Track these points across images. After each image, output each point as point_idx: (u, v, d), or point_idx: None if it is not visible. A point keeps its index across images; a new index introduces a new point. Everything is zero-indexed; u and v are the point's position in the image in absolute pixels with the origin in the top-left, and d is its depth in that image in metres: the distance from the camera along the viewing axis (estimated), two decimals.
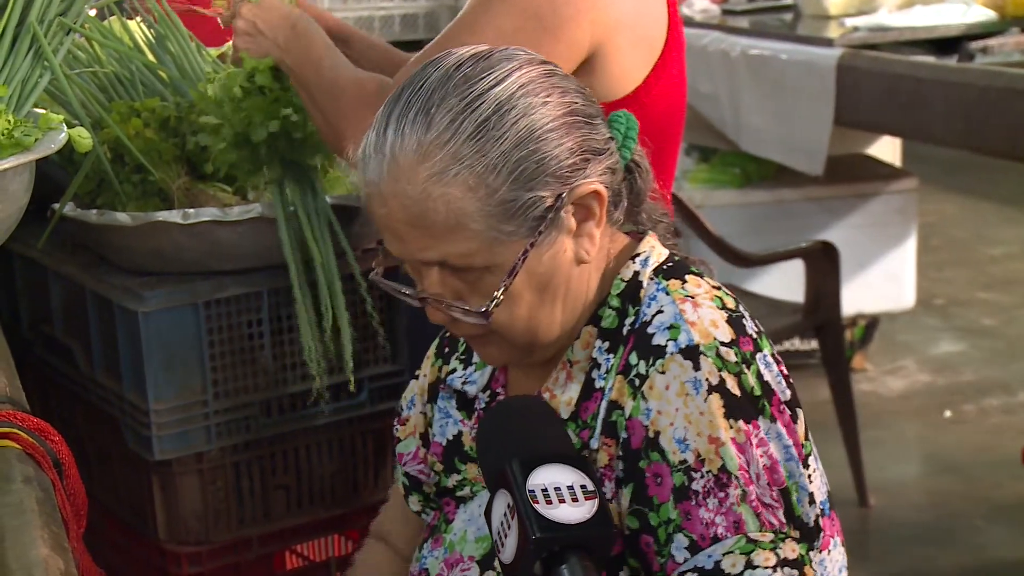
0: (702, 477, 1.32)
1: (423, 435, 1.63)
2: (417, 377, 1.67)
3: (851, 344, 4.57)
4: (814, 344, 3.92)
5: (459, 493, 1.56)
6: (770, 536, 1.32)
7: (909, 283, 4.54)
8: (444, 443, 1.59)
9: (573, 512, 1.23)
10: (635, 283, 1.44)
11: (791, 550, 1.32)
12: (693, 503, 1.32)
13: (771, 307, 3.67)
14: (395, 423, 1.70)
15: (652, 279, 1.43)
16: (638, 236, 1.50)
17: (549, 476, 1.25)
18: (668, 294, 1.41)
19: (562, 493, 1.24)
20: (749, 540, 1.31)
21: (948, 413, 4.38)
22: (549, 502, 1.23)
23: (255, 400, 2.12)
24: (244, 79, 1.99)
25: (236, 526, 2.15)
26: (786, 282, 3.90)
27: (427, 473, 1.63)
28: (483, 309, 1.36)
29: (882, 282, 4.47)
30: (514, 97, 1.33)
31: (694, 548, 1.32)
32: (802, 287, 3.71)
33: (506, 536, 1.24)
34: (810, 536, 1.36)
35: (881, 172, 4.58)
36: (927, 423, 4.33)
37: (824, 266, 3.67)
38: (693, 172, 4.50)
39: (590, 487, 1.25)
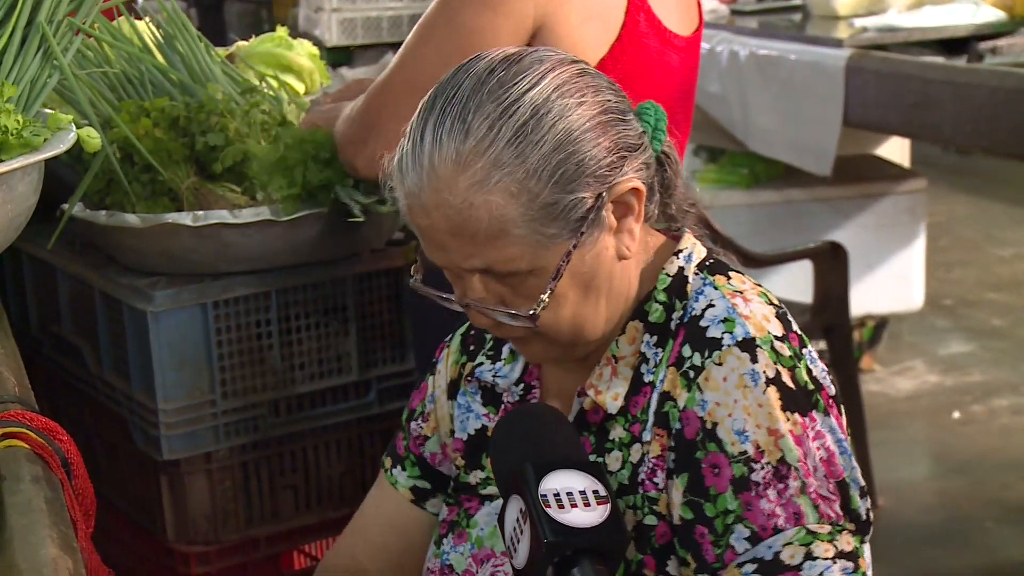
0: (762, 468, 1.32)
1: (450, 431, 1.62)
2: (433, 375, 1.66)
3: (859, 345, 4.56)
4: (822, 345, 3.91)
5: (483, 491, 1.56)
6: (828, 528, 1.33)
7: (918, 284, 4.53)
8: (466, 438, 1.58)
9: (585, 516, 1.23)
10: (680, 278, 1.45)
11: (847, 542, 1.34)
12: (754, 494, 1.32)
13: None
14: (415, 421, 1.67)
15: (697, 274, 1.45)
16: (671, 233, 1.51)
17: (561, 481, 1.25)
18: (716, 288, 1.42)
19: (574, 498, 1.24)
20: (808, 532, 1.32)
21: (957, 414, 4.38)
22: (561, 506, 1.23)
23: (263, 400, 2.12)
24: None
25: (244, 526, 2.15)
26: (794, 283, 3.89)
27: (453, 469, 1.63)
28: (530, 313, 1.35)
29: (891, 283, 4.46)
30: (550, 100, 1.33)
31: (755, 539, 1.32)
32: (810, 288, 3.70)
33: (519, 541, 1.24)
34: (863, 529, 1.37)
35: (890, 173, 4.57)
36: (936, 424, 4.33)
37: (832, 267, 3.66)
38: (701, 172, 4.50)
39: (602, 492, 1.25)
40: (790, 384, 1.35)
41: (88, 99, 2.08)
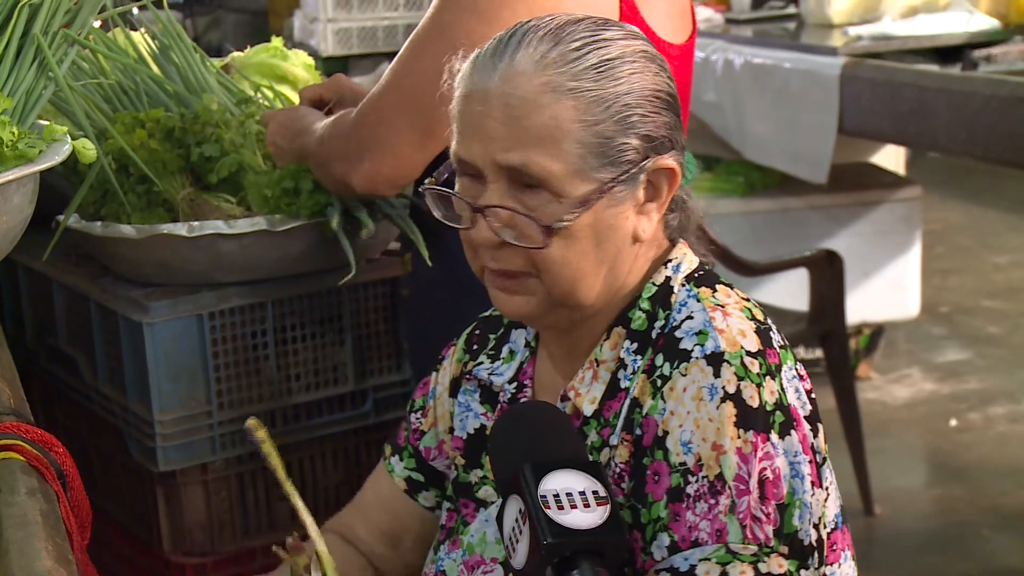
0: (697, 481, 1.32)
1: (449, 428, 1.64)
2: (437, 371, 1.68)
3: (856, 353, 4.57)
4: (819, 353, 3.91)
5: (479, 493, 1.57)
6: (753, 549, 1.31)
7: (914, 291, 4.54)
8: (465, 437, 1.59)
9: (585, 518, 1.23)
10: (666, 288, 1.46)
11: (777, 565, 1.32)
12: (683, 505, 1.33)
13: (775, 316, 3.64)
14: (415, 414, 1.69)
15: (683, 286, 1.46)
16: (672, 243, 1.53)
17: (561, 482, 1.25)
18: (699, 301, 1.43)
19: (574, 499, 1.24)
20: (729, 551, 1.31)
21: (953, 422, 4.38)
22: (561, 507, 1.23)
23: (259, 411, 2.12)
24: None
25: (241, 537, 2.15)
26: (790, 291, 3.90)
27: (450, 467, 1.63)
28: (549, 225, 1.36)
29: (887, 290, 4.46)
30: (636, 54, 1.40)
31: (674, 548, 1.32)
32: (806, 296, 3.71)
33: (518, 541, 1.25)
34: (803, 553, 1.35)
35: (885, 180, 4.58)
36: (932, 432, 4.33)
37: (828, 274, 3.66)
38: (697, 181, 4.50)
39: (602, 493, 1.25)
40: (751, 401, 1.35)
41: (83, 110, 2.08)
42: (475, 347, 1.63)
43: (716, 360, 1.36)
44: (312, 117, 2.04)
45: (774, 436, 1.35)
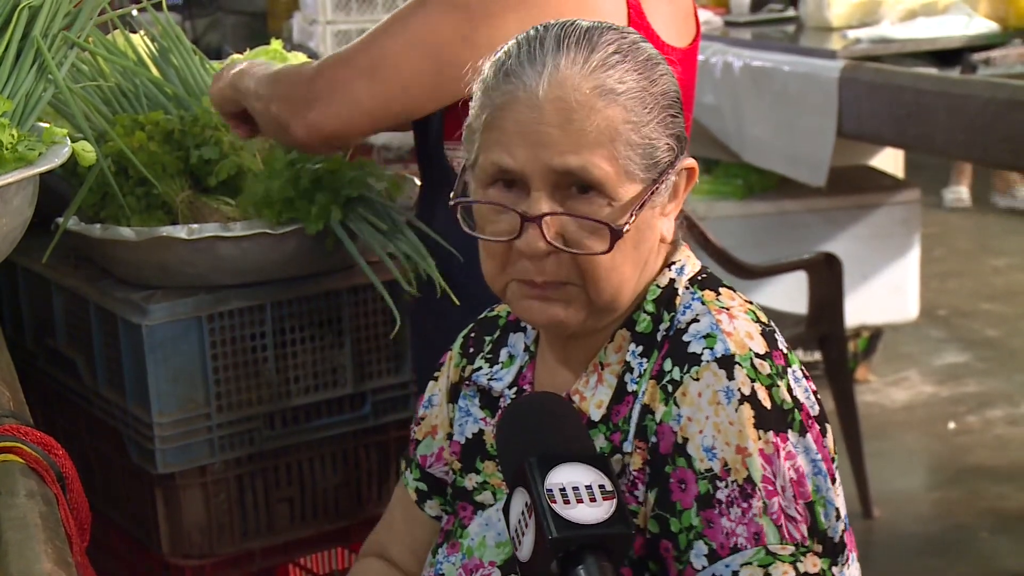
0: (727, 486, 1.32)
1: (448, 434, 1.63)
2: (436, 379, 1.67)
3: (854, 356, 4.57)
4: (817, 356, 3.91)
5: (477, 497, 1.56)
6: (790, 549, 1.32)
7: (912, 294, 4.54)
8: (463, 441, 1.59)
9: (591, 512, 1.23)
10: (671, 290, 1.46)
11: (812, 564, 1.33)
12: (716, 511, 1.33)
13: (774, 319, 3.66)
14: (415, 425, 1.69)
15: (688, 288, 1.46)
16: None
17: (568, 475, 1.25)
18: (704, 304, 1.43)
19: (580, 493, 1.24)
20: (768, 552, 1.31)
21: (952, 424, 4.38)
22: (567, 501, 1.23)
23: (258, 413, 2.12)
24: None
25: (240, 539, 2.15)
26: (789, 294, 3.90)
27: (448, 473, 1.63)
28: (620, 229, 1.36)
29: (885, 293, 4.47)
30: (657, 56, 1.42)
31: (713, 556, 1.32)
32: (805, 299, 3.71)
33: (523, 534, 1.25)
34: (834, 551, 1.36)
35: (884, 183, 4.58)
36: (931, 434, 4.33)
37: (827, 277, 3.67)
38: (695, 184, 4.50)
39: (608, 487, 1.25)
40: (766, 402, 1.35)
41: (83, 113, 2.08)
42: (471, 350, 1.63)
43: (728, 363, 1.36)
44: (267, 67, 2.04)
45: (793, 435, 1.35)
